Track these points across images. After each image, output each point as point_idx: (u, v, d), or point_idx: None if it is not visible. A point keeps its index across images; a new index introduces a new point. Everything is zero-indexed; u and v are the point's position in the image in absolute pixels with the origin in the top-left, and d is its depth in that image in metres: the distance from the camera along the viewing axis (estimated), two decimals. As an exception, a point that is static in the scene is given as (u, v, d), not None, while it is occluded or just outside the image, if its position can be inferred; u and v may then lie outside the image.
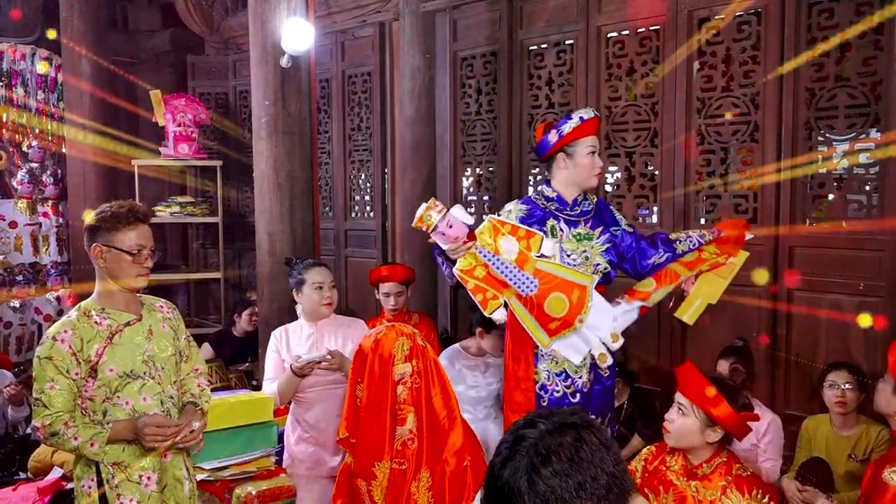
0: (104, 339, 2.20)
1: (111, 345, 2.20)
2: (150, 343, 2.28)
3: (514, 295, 2.61)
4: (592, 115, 2.76)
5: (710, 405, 2.15)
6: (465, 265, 2.56)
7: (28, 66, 5.76)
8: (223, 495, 2.86)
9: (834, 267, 3.35)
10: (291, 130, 3.90)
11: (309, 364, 2.85)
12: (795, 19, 3.40)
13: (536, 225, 2.73)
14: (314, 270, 3.04)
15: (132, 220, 2.23)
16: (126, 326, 2.25)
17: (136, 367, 2.24)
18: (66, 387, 2.15)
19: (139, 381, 2.23)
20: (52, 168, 5.98)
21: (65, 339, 2.16)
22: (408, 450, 2.42)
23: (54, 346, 2.15)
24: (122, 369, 2.21)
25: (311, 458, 2.95)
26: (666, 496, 2.24)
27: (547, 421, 1.16)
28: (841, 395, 2.96)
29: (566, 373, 2.71)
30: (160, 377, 2.29)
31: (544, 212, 2.77)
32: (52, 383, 2.14)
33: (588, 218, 2.79)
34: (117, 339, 2.22)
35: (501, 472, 1.13)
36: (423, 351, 2.50)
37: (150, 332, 2.30)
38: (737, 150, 3.71)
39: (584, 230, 2.77)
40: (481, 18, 4.56)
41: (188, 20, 6.07)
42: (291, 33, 3.75)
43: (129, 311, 2.29)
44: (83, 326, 2.20)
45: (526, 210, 2.78)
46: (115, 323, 2.24)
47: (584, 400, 2.72)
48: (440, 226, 2.47)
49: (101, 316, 2.24)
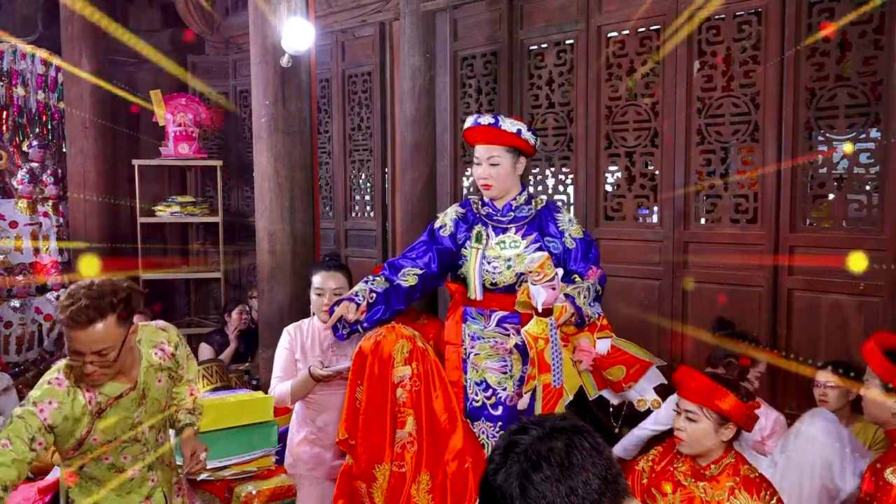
0: (92, 415, 2.07)
1: (99, 419, 2.08)
2: (140, 408, 2.18)
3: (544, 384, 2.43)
4: (470, 123, 2.63)
5: (718, 400, 2.15)
6: (536, 331, 2.39)
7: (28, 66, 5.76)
8: (223, 495, 2.86)
9: (834, 267, 3.35)
10: (292, 130, 3.90)
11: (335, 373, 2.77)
12: (796, 19, 3.40)
13: (466, 229, 2.68)
14: (319, 274, 2.93)
15: (63, 320, 1.97)
16: (118, 399, 2.12)
17: (122, 434, 2.15)
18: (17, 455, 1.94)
19: (122, 445, 2.16)
20: (52, 168, 5.97)
21: (45, 409, 2.00)
22: (407, 453, 2.41)
23: (33, 410, 2.00)
24: (107, 438, 2.12)
25: (312, 459, 2.94)
26: (674, 497, 2.24)
27: (539, 427, 1.16)
28: (823, 393, 2.99)
29: (486, 383, 2.61)
30: (145, 438, 2.22)
31: (475, 216, 2.71)
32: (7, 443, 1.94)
33: (521, 224, 2.66)
34: (106, 413, 2.10)
35: (494, 478, 1.14)
36: (424, 353, 2.49)
37: (144, 396, 2.18)
38: (737, 149, 3.71)
39: (513, 237, 2.64)
40: (481, 18, 4.56)
41: (188, 20, 6.07)
42: (291, 33, 3.74)
43: (122, 379, 2.13)
44: (70, 403, 2.04)
45: (462, 213, 2.73)
46: (106, 398, 2.10)
47: (508, 413, 2.57)
48: (556, 279, 2.34)
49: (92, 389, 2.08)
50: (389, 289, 2.61)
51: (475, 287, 2.64)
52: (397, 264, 2.70)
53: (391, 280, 2.64)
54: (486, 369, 2.61)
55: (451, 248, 2.70)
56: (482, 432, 2.60)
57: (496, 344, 2.63)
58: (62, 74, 5.64)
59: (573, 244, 2.63)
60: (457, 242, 2.71)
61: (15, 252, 5.78)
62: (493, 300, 2.64)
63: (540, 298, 2.33)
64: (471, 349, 2.65)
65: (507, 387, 2.60)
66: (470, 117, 2.66)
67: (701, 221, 3.85)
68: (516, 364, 2.61)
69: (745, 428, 2.24)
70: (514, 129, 2.57)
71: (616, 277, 4.08)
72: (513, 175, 2.65)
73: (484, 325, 2.65)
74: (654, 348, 3.92)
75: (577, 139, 4.18)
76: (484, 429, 2.60)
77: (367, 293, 2.56)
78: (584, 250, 2.65)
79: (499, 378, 2.61)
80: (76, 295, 1.97)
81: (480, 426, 2.60)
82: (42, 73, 5.81)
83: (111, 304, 1.98)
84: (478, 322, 2.67)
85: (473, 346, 2.65)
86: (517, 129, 2.58)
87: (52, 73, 5.85)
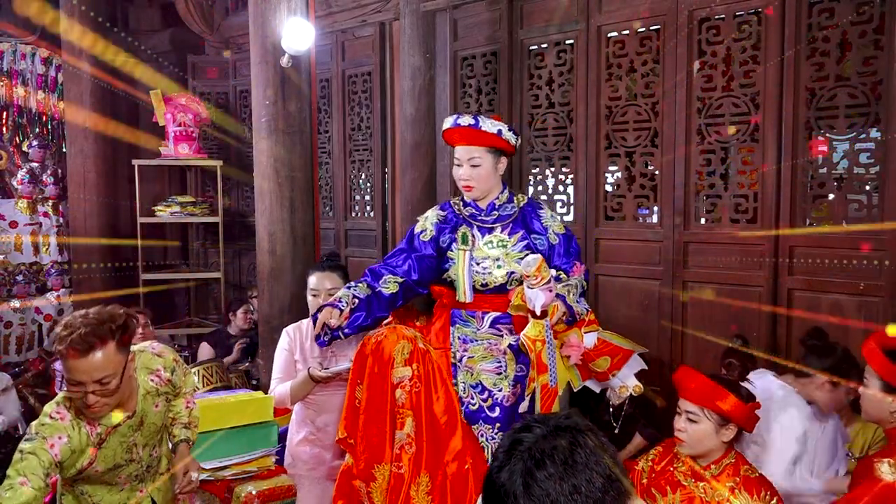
0: (94, 446, 2.08)
1: (99, 450, 2.09)
2: (137, 433, 2.19)
3: (541, 385, 2.45)
4: (450, 124, 2.62)
5: (718, 401, 2.15)
6: (534, 334, 2.42)
7: (28, 66, 5.77)
8: (223, 495, 2.86)
9: (834, 267, 3.35)
10: (292, 130, 3.90)
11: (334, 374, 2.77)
12: (796, 19, 3.40)
13: (449, 231, 2.66)
14: (315, 275, 2.92)
15: (62, 351, 1.94)
16: (117, 428, 2.12)
17: (119, 460, 2.16)
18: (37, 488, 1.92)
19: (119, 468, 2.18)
20: (52, 168, 5.98)
21: (55, 445, 1.99)
22: (405, 454, 2.40)
23: (43, 446, 1.98)
24: (107, 466, 2.14)
25: (312, 459, 2.94)
26: (674, 497, 2.24)
27: (543, 425, 1.16)
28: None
29: (482, 385, 2.60)
30: (140, 457, 2.23)
31: (458, 217, 2.69)
32: (25, 479, 1.91)
33: (507, 223, 2.65)
34: (107, 442, 2.11)
35: (498, 476, 1.14)
36: (425, 354, 2.49)
37: (142, 423, 2.19)
38: (737, 149, 3.71)
39: (500, 236, 2.63)
40: (481, 18, 4.56)
41: (188, 20, 6.07)
42: (291, 33, 3.74)
43: (121, 407, 2.11)
44: (76, 436, 2.04)
45: (443, 216, 2.71)
46: (106, 427, 2.10)
47: (505, 414, 2.58)
48: (552, 281, 2.35)
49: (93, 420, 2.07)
50: (371, 296, 2.59)
51: (465, 289, 2.61)
52: (378, 271, 2.67)
53: (373, 287, 2.62)
54: (481, 371, 2.60)
55: (432, 254, 2.66)
56: (481, 435, 2.58)
57: (490, 345, 2.62)
58: (62, 74, 5.64)
59: (556, 240, 2.65)
60: (440, 247, 2.67)
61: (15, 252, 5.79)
62: (484, 301, 2.63)
63: (539, 302, 2.33)
64: (463, 352, 2.63)
65: (502, 388, 2.59)
66: (449, 118, 2.65)
67: (701, 221, 3.85)
68: (510, 364, 2.60)
69: (746, 428, 2.24)
70: (494, 130, 2.57)
71: (616, 277, 4.08)
72: (494, 175, 2.65)
73: (476, 327, 2.64)
74: (654, 348, 3.93)
75: (577, 139, 4.18)
76: (483, 431, 2.59)
77: (350, 299, 2.55)
78: (566, 245, 2.66)
79: (494, 379, 2.60)
80: (73, 324, 1.95)
81: (479, 429, 2.59)
82: (42, 73, 5.82)
83: (110, 330, 1.97)
84: (469, 325, 2.65)
85: (466, 350, 2.63)
86: (497, 130, 2.57)
87: (52, 73, 5.85)
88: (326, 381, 2.80)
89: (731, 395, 2.16)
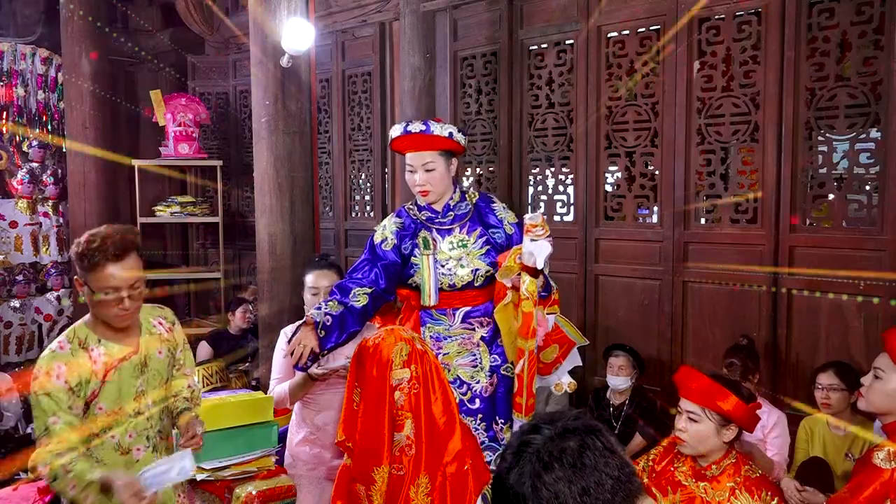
0: (99, 378, 2.10)
1: (105, 384, 2.11)
2: (143, 378, 2.20)
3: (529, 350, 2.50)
4: (399, 132, 2.63)
5: (719, 401, 2.15)
6: (532, 290, 2.44)
7: (28, 66, 5.76)
8: (223, 495, 2.86)
9: (834, 267, 3.35)
10: (292, 130, 3.90)
11: (330, 371, 2.77)
12: (796, 19, 3.40)
13: (409, 238, 2.66)
14: (313, 273, 2.93)
15: (98, 259, 2.00)
16: (121, 362, 2.15)
17: (126, 406, 2.16)
18: (68, 422, 2.02)
19: (127, 418, 2.17)
20: (52, 168, 5.98)
21: (60, 374, 2.04)
22: (405, 456, 2.39)
23: (49, 381, 2.02)
24: (112, 408, 2.13)
25: (312, 459, 2.94)
26: (674, 496, 2.23)
27: (551, 426, 1.16)
28: (825, 396, 2.98)
29: (460, 379, 2.63)
30: (150, 412, 2.22)
31: (416, 223, 2.70)
32: (56, 418, 2.00)
33: (464, 222, 2.68)
34: (111, 376, 2.12)
35: (507, 477, 1.14)
36: (423, 356, 2.48)
37: (146, 364, 2.21)
38: (737, 149, 3.71)
39: (460, 236, 2.66)
40: (481, 18, 4.56)
41: (188, 20, 6.07)
42: (291, 33, 3.74)
43: (125, 342, 2.17)
44: (78, 362, 2.07)
45: (400, 223, 2.71)
46: (111, 359, 2.13)
47: (485, 405, 2.62)
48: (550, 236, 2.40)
49: (97, 348, 2.12)
50: (345, 311, 2.58)
51: (430, 293, 2.62)
52: (345, 286, 2.65)
53: (344, 303, 2.60)
54: (458, 367, 2.64)
55: (396, 260, 2.67)
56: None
57: (464, 340, 2.66)
58: (62, 74, 5.64)
59: (512, 230, 2.68)
60: (402, 254, 2.68)
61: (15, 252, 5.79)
62: (454, 298, 2.66)
63: (544, 253, 2.34)
64: (437, 350, 2.64)
65: (479, 379, 2.64)
66: (397, 125, 2.66)
67: (701, 221, 3.85)
68: (484, 356, 2.66)
69: (747, 429, 2.24)
70: (445, 133, 2.60)
71: (616, 277, 4.09)
72: (448, 177, 2.68)
73: (449, 324, 2.67)
74: (654, 348, 3.93)
75: (577, 139, 4.18)
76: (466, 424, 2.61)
77: (323, 317, 2.53)
78: (521, 234, 2.66)
79: (471, 372, 2.64)
80: (100, 236, 2.04)
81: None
82: (42, 73, 5.82)
83: (134, 235, 2.12)
84: (440, 323, 2.68)
85: (440, 347, 2.66)
86: (448, 133, 2.60)
87: (52, 73, 5.85)
88: (324, 378, 2.80)
89: (732, 395, 2.15)
